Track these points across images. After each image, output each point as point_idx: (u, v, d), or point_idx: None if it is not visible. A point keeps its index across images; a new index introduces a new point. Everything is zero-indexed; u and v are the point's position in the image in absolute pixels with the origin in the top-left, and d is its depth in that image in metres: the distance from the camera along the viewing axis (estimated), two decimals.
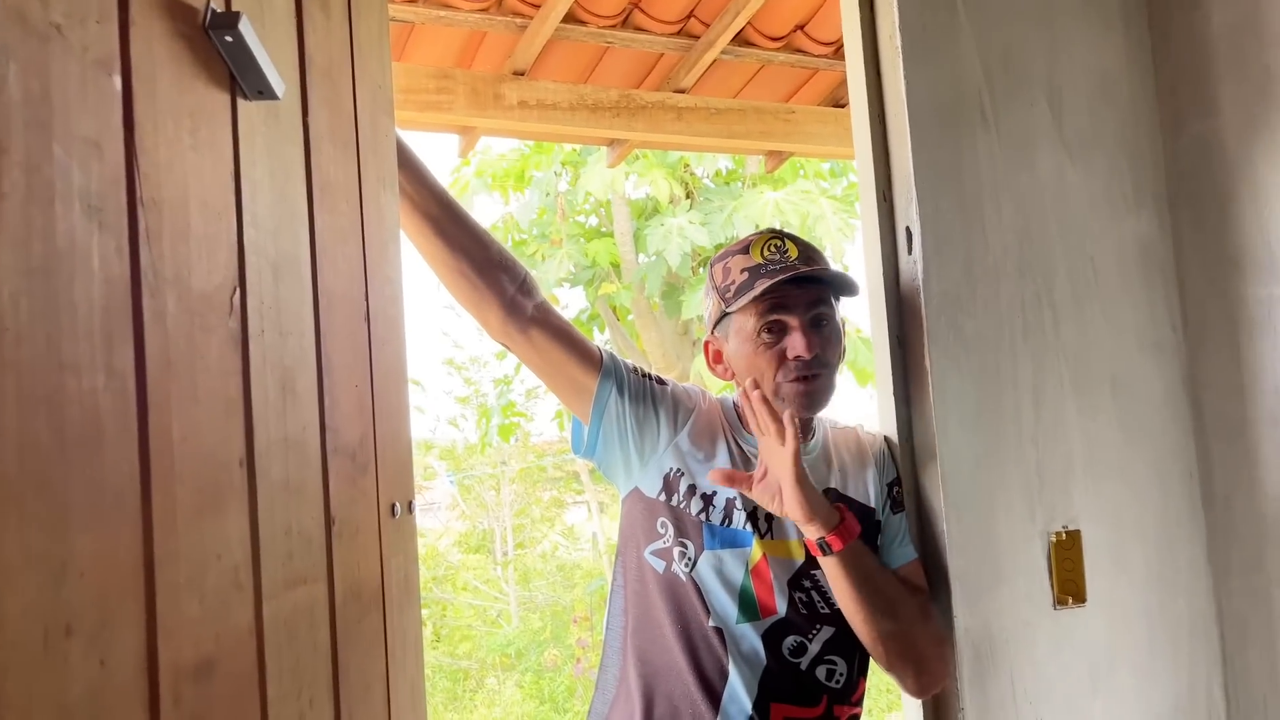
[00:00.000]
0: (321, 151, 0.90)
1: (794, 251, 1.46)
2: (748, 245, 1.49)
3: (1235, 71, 1.70)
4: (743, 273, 1.46)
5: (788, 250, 1.46)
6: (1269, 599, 1.66)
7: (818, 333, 1.44)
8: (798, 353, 1.42)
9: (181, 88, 0.66)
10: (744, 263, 1.47)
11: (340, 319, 0.91)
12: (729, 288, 1.47)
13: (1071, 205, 1.72)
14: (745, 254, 1.47)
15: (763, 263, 1.45)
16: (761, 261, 1.45)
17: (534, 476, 11.98)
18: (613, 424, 1.48)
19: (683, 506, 1.46)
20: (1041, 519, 1.61)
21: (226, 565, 0.66)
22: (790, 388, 1.43)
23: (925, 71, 1.64)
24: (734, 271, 1.47)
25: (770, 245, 1.47)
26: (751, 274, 1.44)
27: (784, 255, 1.45)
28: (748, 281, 1.44)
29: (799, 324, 1.42)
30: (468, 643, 10.48)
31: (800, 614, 1.43)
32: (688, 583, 1.43)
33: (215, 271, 0.68)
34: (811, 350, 1.42)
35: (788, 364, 1.43)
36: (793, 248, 1.47)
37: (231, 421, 0.69)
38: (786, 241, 1.48)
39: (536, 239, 7.08)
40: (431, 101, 2.58)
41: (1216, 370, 1.73)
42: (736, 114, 3.01)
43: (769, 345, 1.44)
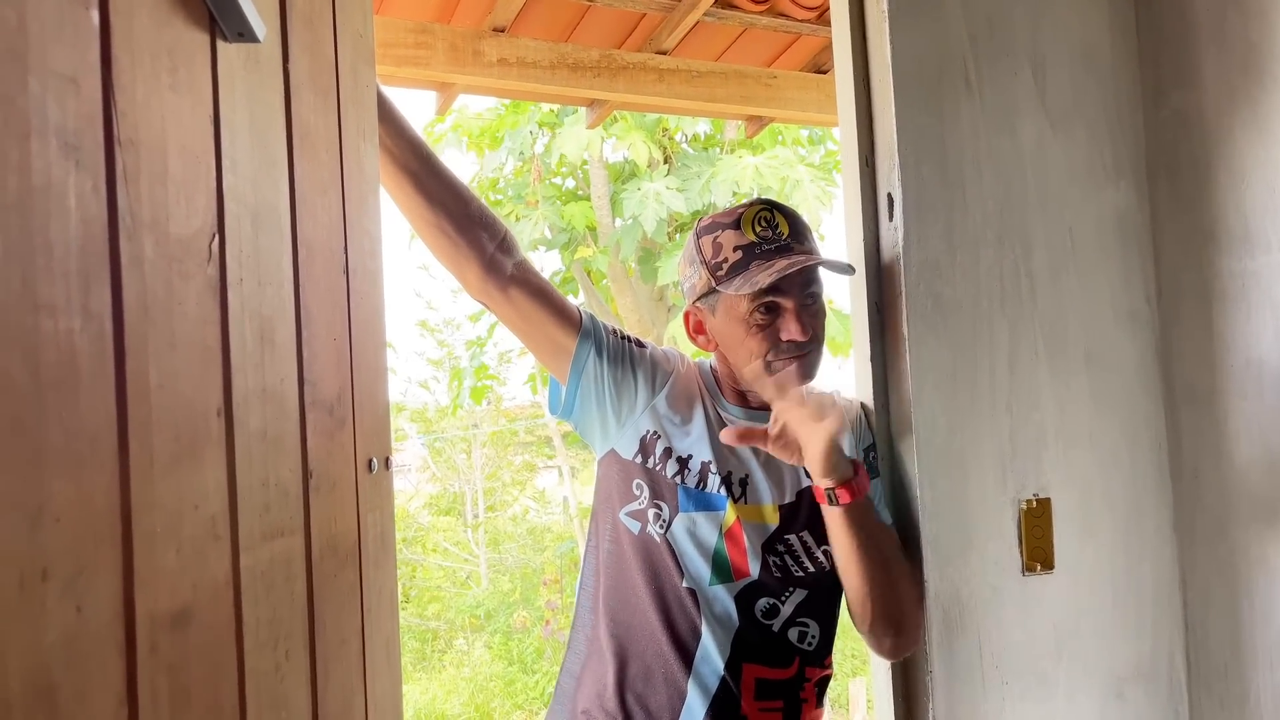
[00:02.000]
0: (302, 99, 0.88)
1: (784, 227, 1.44)
2: (738, 219, 1.45)
3: (1217, 44, 1.70)
4: (735, 250, 1.43)
5: (778, 225, 1.44)
6: (1232, 567, 1.69)
7: (809, 311, 1.44)
8: (792, 336, 1.42)
9: (160, 25, 0.64)
10: (736, 239, 1.43)
11: (319, 270, 0.90)
12: (721, 265, 1.44)
13: (1052, 175, 1.72)
14: (737, 229, 1.44)
15: (756, 241, 1.42)
16: (754, 240, 1.42)
17: (505, 440, 11.99)
18: (590, 385, 1.48)
19: (658, 469, 1.46)
20: (1013, 486, 1.63)
21: (204, 515, 0.65)
22: (782, 365, 1.43)
23: (910, 37, 1.63)
24: (726, 249, 1.44)
25: (761, 219, 1.44)
26: (746, 254, 1.42)
27: (775, 231, 1.43)
28: (742, 261, 1.42)
29: (793, 306, 1.42)
30: (437, 604, 10.53)
31: (774, 577, 1.44)
32: (662, 544, 1.44)
33: (194, 216, 0.66)
34: (806, 333, 1.42)
35: (782, 345, 1.43)
36: (783, 222, 1.45)
37: (209, 370, 0.68)
38: (777, 215, 1.45)
39: (512, 200, 7.02)
40: (410, 56, 2.54)
41: (1189, 342, 1.75)
42: (718, 77, 2.98)
43: (762, 326, 1.43)
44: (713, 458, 1.46)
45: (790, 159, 6.36)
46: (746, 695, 1.43)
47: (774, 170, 6.25)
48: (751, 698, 1.43)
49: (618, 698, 1.43)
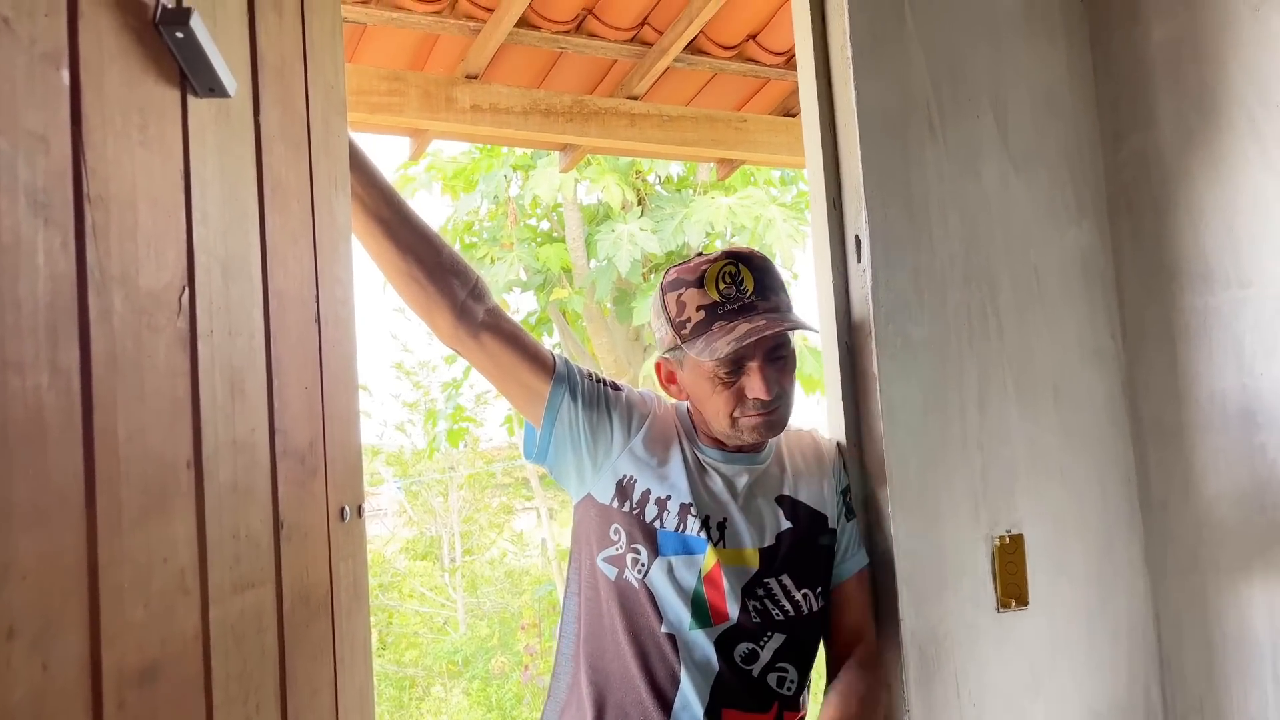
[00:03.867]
0: (273, 151, 0.89)
1: (749, 282, 1.41)
2: (701, 276, 1.43)
3: (1173, 86, 1.75)
4: (699, 310, 1.41)
5: (743, 281, 1.41)
6: (1204, 600, 1.70)
7: (775, 368, 1.42)
8: (757, 395, 1.40)
9: (131, 83, 0.65)
10: (699, 298, 1.42)
11: (290, 320, 0.90)
12: (684, 324, 1.43)
13: (1016, 215, 1.76)
14: (700, 288, 1.42)
15: (718, 301, 1.40)
16: (717, 300, 1.40)
17: (483, 482, 11.90)
18: (565, 429, 1.48)
19: (636, 513, 1.46)
20: (986, 523, 1.64)
21: (173, 568, 0.65)
22: (749, 421, 1.43)
23: (875, 82, 1.66)
24: (689, 307, 1.42)
25: (725, 275, 1.41)
26: (708, 314, 1.40)
27: (740, 289, 1.40)
28: (704, 322, 1.40)
29: (758, 365, 1.40)
30: (414, 650, 10.38)
31: (753, 621, 1.44)
32: (640, 589, 1.43)
33: (164, 270, 0.67)
34: (770, 392, 1.40)
35: (748, 403, 1.42)
36: (748, 277, 1.41)
37: (179, 422, 0.68)
38: (742, 269, 1.42)
39: (487, 242, 7.04)
40: (383, 103, 2.56)
41: (1154, 377, 1.78)
42: (689, 121, 3.03)
43: (727, 385, 1.42)
44: (692, 500, 1.46)
45: (762, 199, 6.43)
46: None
47: (747, 210, 6.31)
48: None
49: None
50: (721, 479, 1.49)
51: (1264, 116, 1.59)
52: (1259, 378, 1.61)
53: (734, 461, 1.51)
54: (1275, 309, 1.59)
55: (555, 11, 2.53)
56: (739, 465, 1.51)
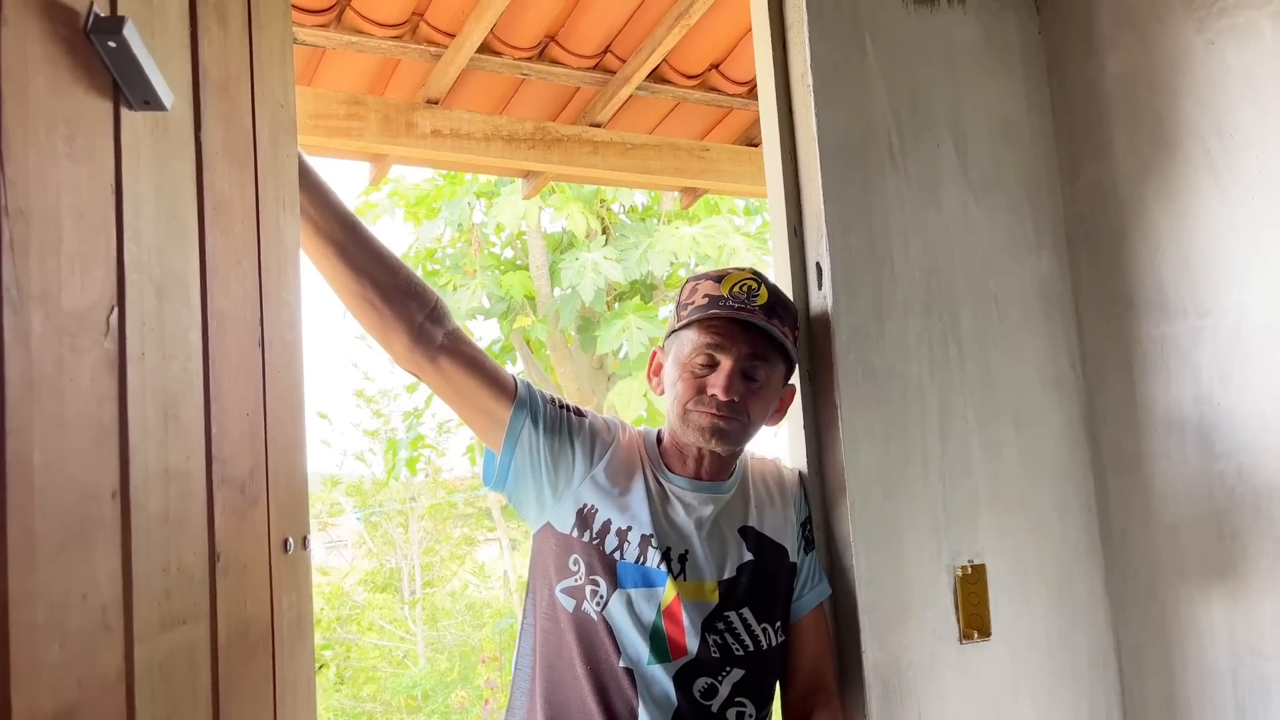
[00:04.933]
0: (215, 168, 0.86)
1: (763, 297, 1.45)
2: (723, 275, 1.48)
3: (1129, 118, 1.77)
4: (704, 298, 1.45)
5: (758, 294, 1.45)
6: (1164, 630, 1.70)
7: (746, 384, 1.43)
8: (714, 391, 1.41)
9: (58, 93, 0.62)
10: (711, 289, 1.46)
11: (232, 343, 0.87)
12: (687, 305, 1.47)
13: (976, 244, 1.76)
14: (717, 282, 1.47)
15: (727, 297, 1.44)
16: (726, 295, 1.44)
17: (444, 513, 11.76)
18: (525, 456, 1.44)
19: (596, 543, 1.43)
20: (948, 553, 1.63)
21: (93, 605, 0.61)
22: (698, 417, 1.43)
23: (836, 112, 1.67)
24: (698, 294, 1.47)
25: (743, 284, 1.46)
26: (711, 302, 1.44)
27: (751, 298, 1.44)
28: (704, 307, 1.44)
29: (730, 366, 1.42)
30: (373, 684, 10.18)
31: (712, 656, 1.41)
32: (599, 622, 1.40)
33: (90, 288, 0.64)
34: (729, 394, 1.40)
35: (704, 397, 1.42)
36: (764, 293, 1.45)
37: (104, 450, 0.64)
38: (762, 287, 1.46)
39: (450, 269, 7.00)
40: (341, 128, 2.53)
41: (1113, 406, 1.79)
42: (652, 150, 3.02)
43: (695, 375, 1.44)
44: (653, 531, 1.43)
45: (726, 229, 6.45)
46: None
47: (710, 239, 6.33)
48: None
49: None
50: (684, 508, 1.47)
51: (1219, 148, 1.61)
52: (1216, 406, 1.62)
53: (700, 490, 1.48)
54: (1232, 338, 1.60)
55: (517, 38, 2.52)
56: (704, 494, 1.48)
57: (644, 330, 6.25)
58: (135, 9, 0.71)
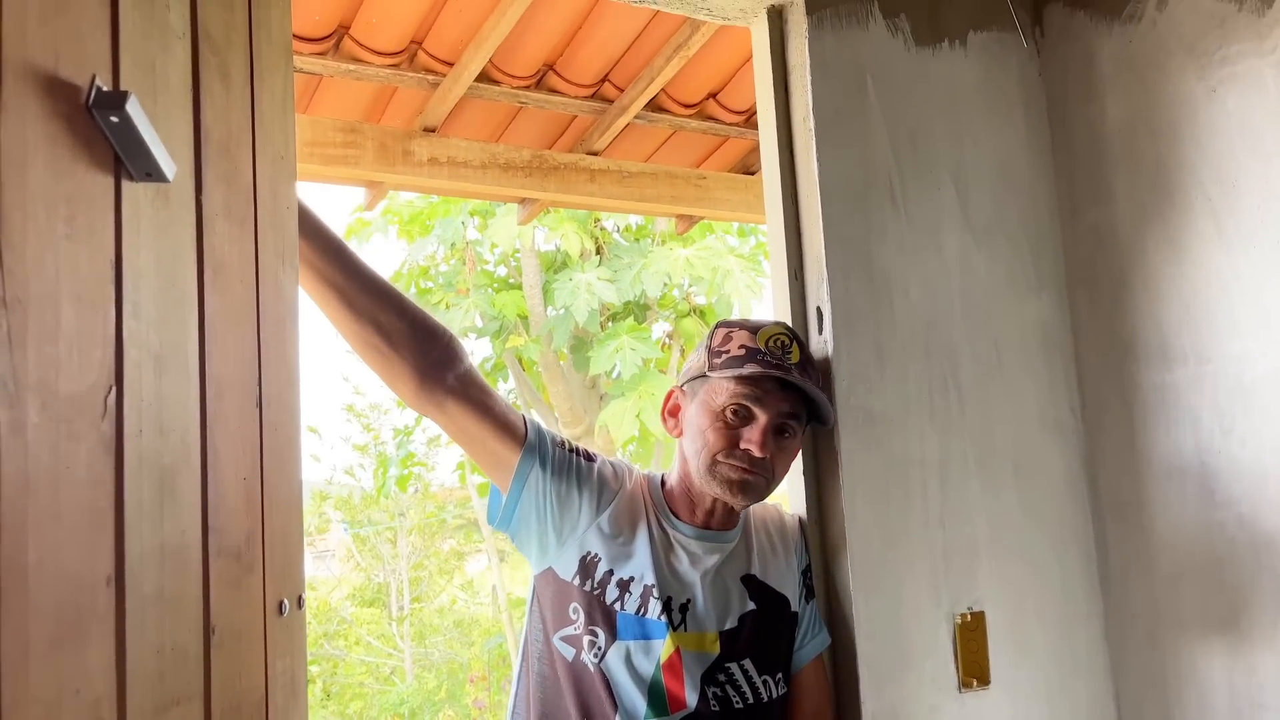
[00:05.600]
0: (215, 231, 0.84)
1: (796, 356, 1.44)
2: (758, 328, 1.47)
3: (1128, 162, 1.77)
4: (741, 349, 1.44)
5: (791, 352, 1.44)
6: (1163, 679, 1.69)
7: (777, 440, 1.43)
8: (750, 446, 1.40)
9: (58, 173, 0.60)
10: (747, 340, 1.44)
11: (229, 408, 0.85)
12: (721, 354, 1.45)
13: (976, 287, 1.75)
14: (752, 334, 1.45)
15: (764, 351, 1.42)
16: (763, 350, 1.43)
17: (433, 528, 11.70)
18: (532, 500, 1.43)
19: (597, 593, 1.41)
20: (947, 601, 1.62)
21: (86, 700, 0.60)
22: (727, 470, 1.41)
23: (837, 152, 1.66)
24: (733, 344, 1.45)
25: (778, 339, 1.45)
26: (748, 355, 1.42)
27: (785, 355, 1.43)
28: (739, 359, 1.42)
29: (765, 422, 1.40)
30: (359, 701, 10.10)
31: (711, 710, 1.39)
32: (596, 674, 1.38)
33: (88, 371, 0.62)
34: (764, 451, 1.40)
35: (736, 451, 1.41)
36: (796, 352, 1.45)
37: (99, 536, 0.62)
38: (794, 345, 1.46)
39: (442, 288, 6.97)
40: (338, 156, 2.52)
41: (1113, 452, 1.78)
42: (648, 178, 3.01)
43: (729, 425, 1.42)
44: (655, 581, 1.41)
45: (720, 250, 6.44)
46: None
47: (704, 261, 6.32)
48: None
49: None
50: (689, 557, 1.45)
51: (1219, 195, 1.61)
52: (1217, 455, 1.61)
53: (705, 539, 1.47)
54: (1233, 387, 1.59)
55: (516, 67, 2.51)
56: (709, 544, 1.47)
57: (637, 351, 6.23)
58: (138, 79, 0.70)
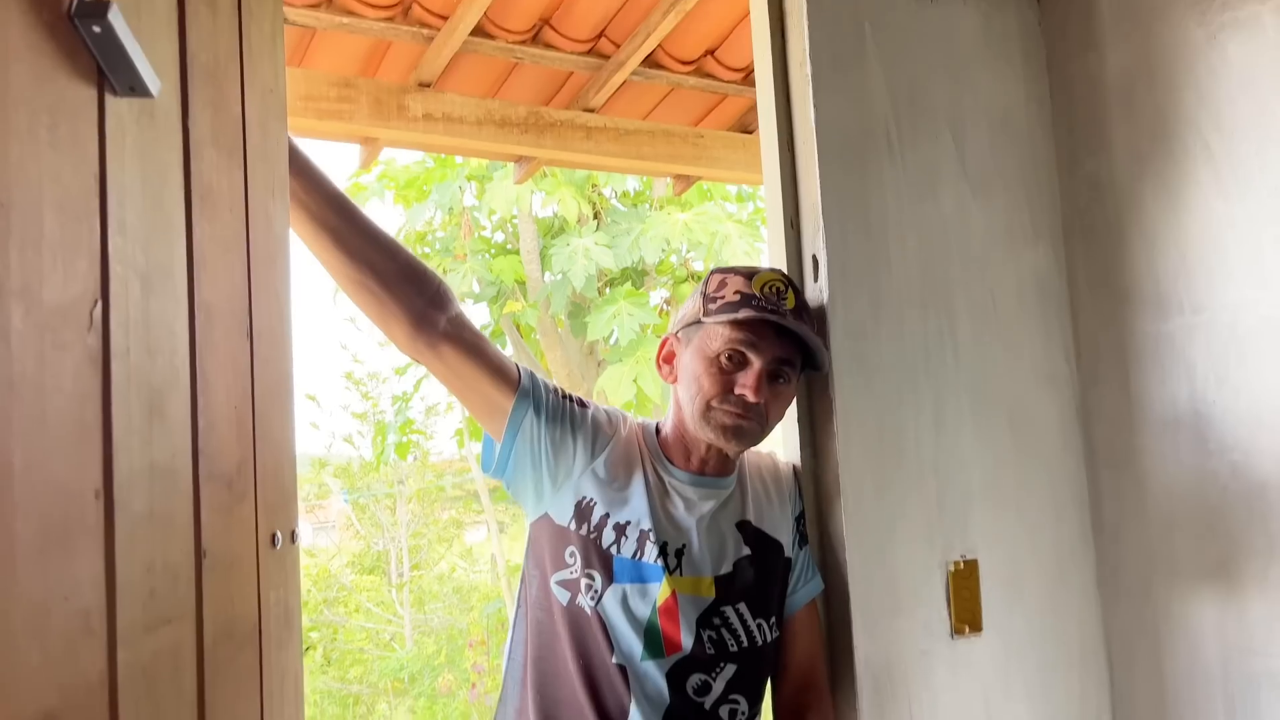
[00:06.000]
0: (203, 156, 0.83)
1: (791, 302, 1.43)
2: (753, 273, 1.46)
3: (1127, 112, 1.75)
4: (736, 294, 1.43)
5: (786, 297, 1.43)
6: (1155, 626, 1.70)
7: (771, 386, 1.42)
8: (744, 391, 1.40)
9: (40, 80, 0.60)
10: (742, 286, 1.44)
11: (219, 336, 0.85)
12: (716, 299, 1.44)
13: (973, 238, 1.75)
14: (747, 280, 1.45)
15: (759, 296, 1.42)
16: (758, 295, 1.42)
17: (432, 496, 11.74)
18: (526, 445, 1.43)
19: (593, 537, 1.41)
20: (941, 548, 1.62)
21: (75, 608, 0.60)
22: (721, 415, 1.41)
23: (834, 101, 1.65)
24: (728, 289, 1.44)
25: (774, 285, 1.44)
26: (744, 300, 1.42)
27: (781, 300, 1.43)
28: (734, 304, 1.41)
29: (759, 367, 1.40)
30: (359, 667, 10.19)
31: (706, 652, 1.40)
32: (592, 617, 1.39)
33: (72, 282, 0.62)
34: (758, 396, 1.40)
35: (731, 396, 1.41)
36: (792, 298, 1.44)
37: (86, 449, 0.62)
38: (790, 290, 1.45)
39: (440, 253, 6.96)
40: (332, 110, 2.50)
41: (1107, 402, 1.78)
42: (645, 135, 3.00)
43: (724, 371, 1.41)
44: (651, 526, 1.42)
45: (719, 215, 6.42)
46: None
47: (703, 226, 6.30)
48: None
49: None
50: (684, 503, 1.45)
51: (1218, 142, 1.60)
52: (1211, 404, 1.61)
53: (701, 485, 1.47)
54: (1227, 336, 1.59)
55: (511, 21, 2.49)
56: (705, 489, 1.47)
57: (635, 317, 6.22)
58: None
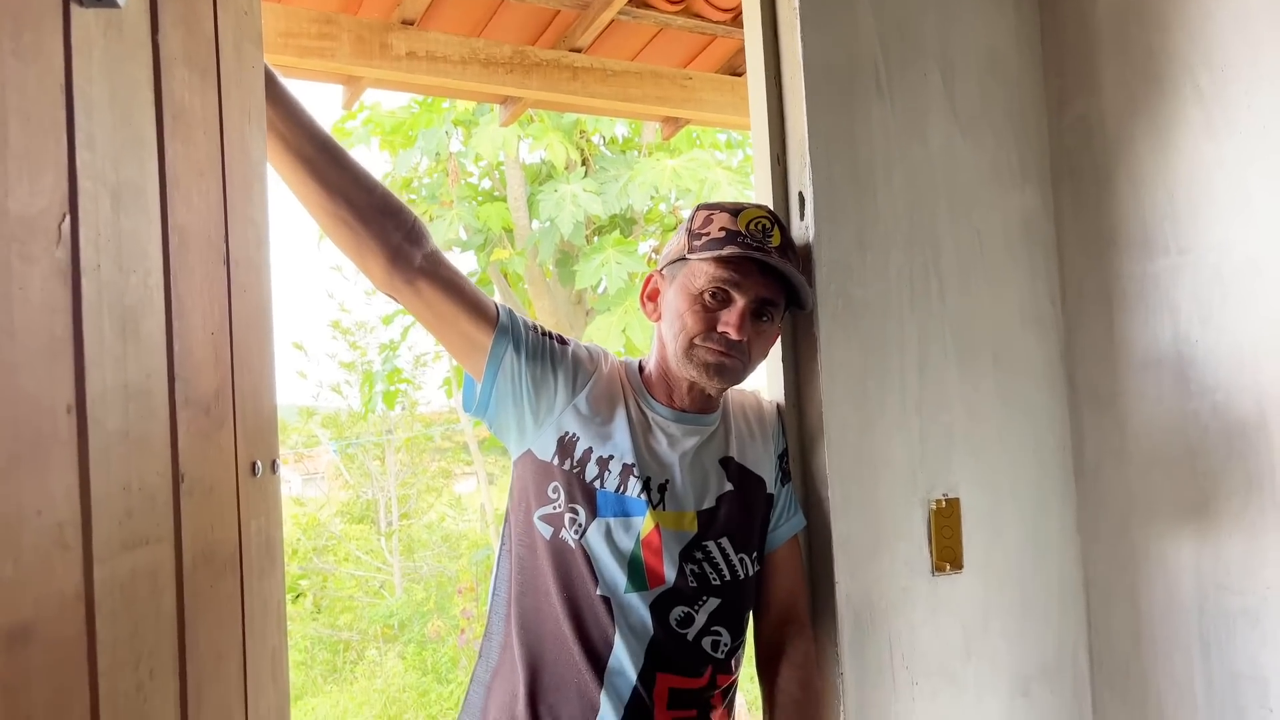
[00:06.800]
0: (174, 75, 0.82)
1: (777, 239, 1.42)
2: (739, 209, 1.45)
3: (1118, 52, 1.74)
4: (721, 230, 1.42)
5: (772, 235, 1.42)
6: (1134, 565, 1.72)
7: (755, 324, 1.42)
8: (728, 328, 1.40)
9: None
10: (727, 222, 1.43)
11: (194, 259, 0.84)
12: (702, 235, 1.43)
13: (960, 178, 1.74)
14: (733, 216, 1.43)
15: (744, 233, 1.41)
16: (744, 232, 1.41)
17: (420, 446, 11.78)
18: (507, 383, 1.42)
19: (576, 472, 1.42)
20: (923, 486, 1.63)
21: (48, 522, 0.59)
22: (704, 353, 1.41)
23: (822, 38, 1.62)
24: (714, 225, 1.43)
25: (759, 222, 1.43)
26: (729, 236, 1.40)
27: (766, 237, 1.41)
28: (720, 240, 1.40)
29: (743, 305, 1.40)
30: (349, 614, 10.29)
31: (689, 585, 1.41)
32: (576, 550, 1.40)
33: (39, 194, 0.60)
34: (741, 334, 1.39)
35: (713, 334, 1.40)
36: (777, 236, 1.43)
37: (58, 364, 0.62)
38: (775, 228, 1.44)
39: (426, 200, 6.90)
40: (313, 47, 2.46)
41: (1091, 344, 1.78)
42: (633, 77, 2.96)
43: (707, 309, 1.41)
44: (634, 460, 1.42)
45: (708, 162, 6.38)
46: (660, 705, 1.39)
47: (692, 173, 6.26)
48: (665, 707, 1.39)
49: (529, 709, 1.38)
50: (667, 439, 1.46)
51: (1209, 81, 1.58)
52: (1194, 345, 1.62)
53: (683, 421, 1.47)
54: (1212, 276, 1.59)
55: None
56: (688, 426, 1.47)
57: (623, 265, 6.20)
58: None
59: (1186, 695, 1.64)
